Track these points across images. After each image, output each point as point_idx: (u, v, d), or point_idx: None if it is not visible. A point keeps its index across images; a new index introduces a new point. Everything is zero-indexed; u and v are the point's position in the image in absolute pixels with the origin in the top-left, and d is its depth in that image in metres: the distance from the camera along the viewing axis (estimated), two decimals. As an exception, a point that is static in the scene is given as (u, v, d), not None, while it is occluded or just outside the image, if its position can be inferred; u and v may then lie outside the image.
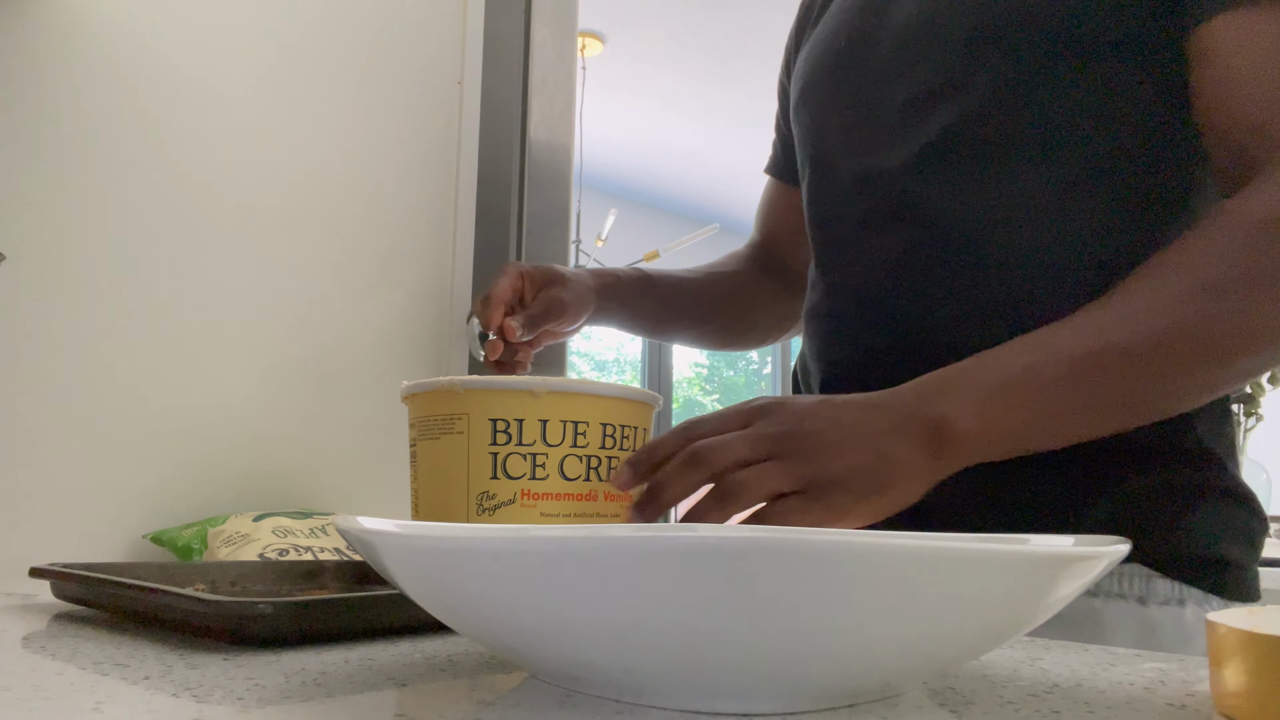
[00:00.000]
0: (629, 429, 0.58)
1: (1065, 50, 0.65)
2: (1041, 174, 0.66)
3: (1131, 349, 0.54)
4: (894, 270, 0.70)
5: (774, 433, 0.52)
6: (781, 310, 0.98)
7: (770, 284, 0.97)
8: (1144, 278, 0.56)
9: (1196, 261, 0.55)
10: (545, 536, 0.27)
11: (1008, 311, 0.63)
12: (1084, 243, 0.64)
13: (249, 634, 0.41)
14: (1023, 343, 0.55)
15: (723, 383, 5.74)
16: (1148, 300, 0.55)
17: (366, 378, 1.09)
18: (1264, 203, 0.56)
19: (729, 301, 0.95)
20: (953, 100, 0.68)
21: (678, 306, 0.92)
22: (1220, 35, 0.61)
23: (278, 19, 1.06)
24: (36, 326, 0.88)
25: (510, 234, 1.21)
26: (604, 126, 4.22)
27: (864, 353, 0.72)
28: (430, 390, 0.58)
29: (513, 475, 0.55)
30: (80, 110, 0.91)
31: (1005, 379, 0.54)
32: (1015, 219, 0.66)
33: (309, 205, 1.06)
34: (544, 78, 1.26)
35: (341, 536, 0.34)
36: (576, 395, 0.56)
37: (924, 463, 0.53)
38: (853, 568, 0.26)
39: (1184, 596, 0.64)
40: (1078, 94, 0.65)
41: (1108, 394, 0.55)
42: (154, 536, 0.90)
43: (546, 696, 0.32)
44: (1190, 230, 0.57)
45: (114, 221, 0.93)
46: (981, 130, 0.67)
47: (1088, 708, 0.32)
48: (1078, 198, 0.65)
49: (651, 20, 3.51)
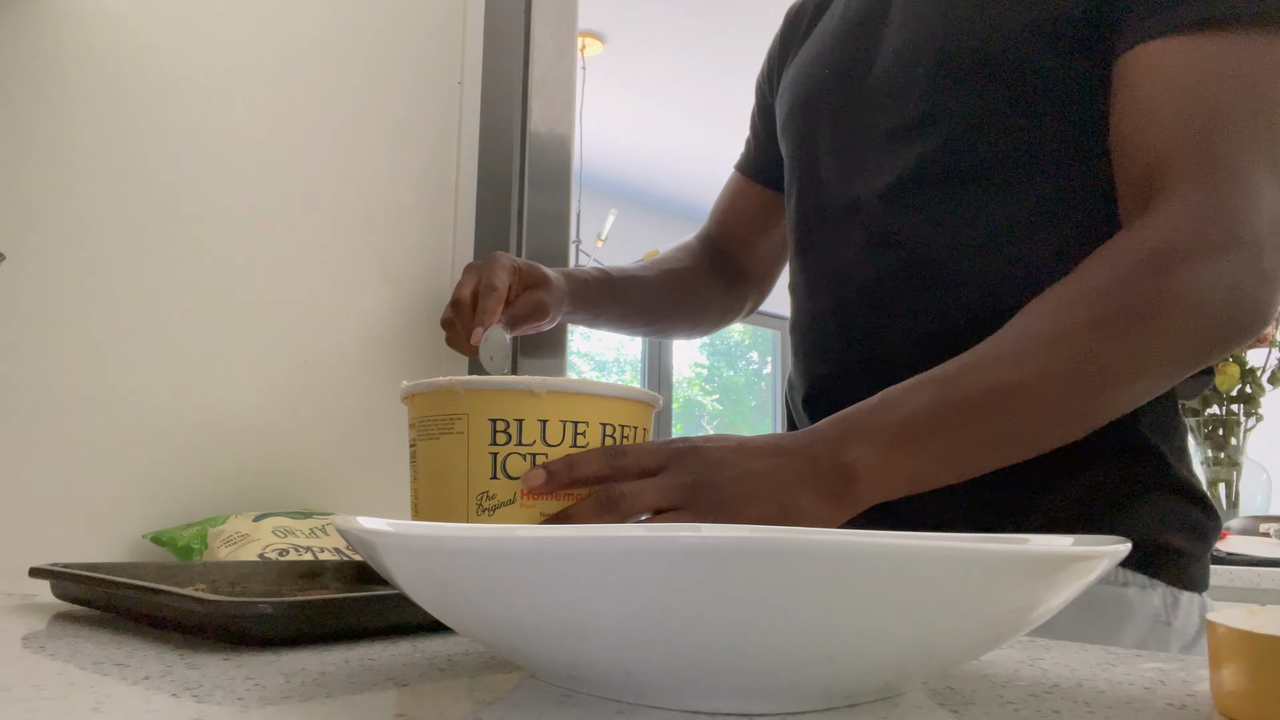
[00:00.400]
0: (629, 429, 0.58)
1: (1025, 85, 0.66)
2: (1008, 204, 0.67)
3: (1022, 386, 0.55)
4: (872, 293, 0.72)
5: (685, 482, 0.54)
6: (728, 303, 1.03)
7: (719, 279, 1.01)
8: (1036, 313, 0.58)
9: (1084, 296, 0.57)
10: (545, 537, 0.27)
11: (976, 334, 0.65)
12: (1049, 270, 0.65)
13: (247, 634, 0.41)
14: (922, 382, 0.57)
15: (723, 383, 5.74)
16: (1036, 336, 0.56)
17: (366, 377, 1.09)
18: (1152, 235, 0.57)
19: (682, 299, 0.99)
20: (928, 132, 0.70)
21: (638, 306, 0.97)
22: (1138, 63, 0.62)
23: (278, 19, 1.06)
24: (36, 326, 0.88)
25: (510, 234, 1.21)
26: (604, 126, 4.22)
27: (844, 371, 0.74)
28: (430, 390, 0.58)
29: (513, 475, 0.55)
30: (79, 110, 0.91)
31: (905, 419, 0.56)
32: (985, 247, 0.68)
33: (308, 205, 1.06)
34: (544, 78, 1.26)
35: (341, 536, 0.34)
36: (577, 395, 0.56)
37: (828, 512, 0.55)
38: (853, 568, 0.26)
39: (1126, 580, 0.66)
40: (1041, 128, 0.67)
41: (1005, 429, 0.57)
42: (154, 536, 0.90)
43: (546, 696, 0.32)
44: (1085, 262, 0.59)
45: (112, 221, 0.93)
46: (953, 161, 0.69)
47: (1088, 708, 0.32)
48: (1043, 227, 0.67)
49: (651, 20, 3.51)
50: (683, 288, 0.99)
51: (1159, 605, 0.66)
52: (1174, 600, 0.66)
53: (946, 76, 0.68)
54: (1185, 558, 0.67)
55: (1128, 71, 0.62)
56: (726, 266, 1.01)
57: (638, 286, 0.95)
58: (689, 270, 1.00)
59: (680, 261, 1.00)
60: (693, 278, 0.99)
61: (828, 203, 0.77)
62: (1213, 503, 0.70)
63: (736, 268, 1.01)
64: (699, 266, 1.00)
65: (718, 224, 1.03)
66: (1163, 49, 0.60)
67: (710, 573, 0.26)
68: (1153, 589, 0.66)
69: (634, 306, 0.95)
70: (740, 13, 3.42)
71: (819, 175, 0.78)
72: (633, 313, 0.96)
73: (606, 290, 0.92)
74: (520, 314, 0.81)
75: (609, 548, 0.26)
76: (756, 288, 1.04)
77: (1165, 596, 0.66)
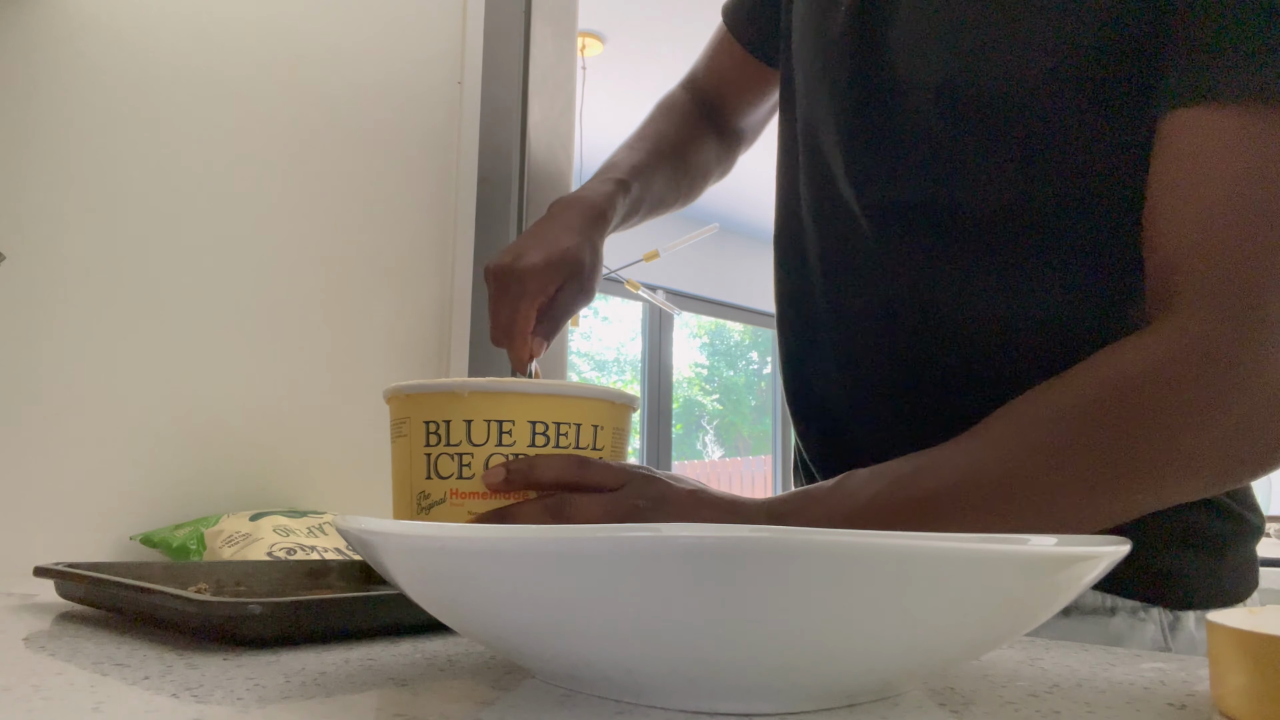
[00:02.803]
0: (566, 426, 0.58)
1: (1035, 135, 0.60)
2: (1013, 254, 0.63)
3: (962, 498, 0.54)
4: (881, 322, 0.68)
5: (635, 505, 0.55)
6: (725, 163, 0.99)
7: (715, 136, 0.97)
8: (1007, 420, 0.55)
9: (1055, 414, 0.54)
10: (546, 537, 0.27)
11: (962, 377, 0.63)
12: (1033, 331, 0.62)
13: (239, 634, 0.41)
14: (881, 472, 0.56)
15: (723, 382, 5.74)
16: (991, 449, 0.54)
17: (365, 377, 1.09)
18: (1134, 359, 0.53)
19: (690, 179, 0.95)
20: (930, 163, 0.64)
21: (656, 207, 0.92)
22: (1184, 128, 0.54)
23: (278, 20, 1.06)
24: (35, 326, 0.88)
25: (510, 234, 1.22)
26: (604, 126, 4.22)
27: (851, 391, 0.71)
28: (389, 396, 0.61)
29: (443, 475, 0.57)
30: (80, 110, 0.91)
31: (856, 511, 0.54)
32: (978, 295, 0.64)
33: (307, 204, 1.06)
34: (544, 78, 1.26)
35: (341, 536, 0.34)
36: (501, 395, 0.57)
37: None
38: (853, 568, 0.26)
39: (1115, 605, 0.62)
40: (1049, 181, 0.61)
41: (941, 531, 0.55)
42: (144, 538, 0.89)
43: (546, 696, 0.32)
44: (1080, 365, 0.55)
45: (111, 222, 0.93)
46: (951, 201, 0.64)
47: (1088, 708, 0.32)
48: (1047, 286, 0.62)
49: (651, 20, 3.51)
50: (689, 168, 0.94)
51: (1155, 633, 0.62)
52: (1174, 621, 0.63)
53: (947, 112, 0.62)
54: (1193, 576, 0.63)
55: (1171, 136, 0.55)
56: (716, 116, 0.97)
57: (654, 192, 0.90)
58: (696, 142, 0.94)
59: (679, 134, 0.94)
60: (695, 150, 0.94)
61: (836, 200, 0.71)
62: (1243, 503, 0.64)
63: (724, 118, 0.97)
64: (701, 132, 0.95)
65: (707, 80, 0.97)
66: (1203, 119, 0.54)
67: (710, 573, 0.26)
68: (1147, 618, 0.62)
69: (653, 209, 0.92)
70: (740, 13, 3.42)
71: (830, 171, 0.72)
72: (652, 213, 0.93)
73: (631, 214, 0.88)
74: (559, 314, 0.75)
75: (609, 548, 0.26)
76: (747, 141, 1.01)
77: (1162, 620, 0.63)
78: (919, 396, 0.66)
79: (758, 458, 5.63)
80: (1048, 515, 0.53)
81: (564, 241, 0.74)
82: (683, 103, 0.97)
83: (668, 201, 0.94)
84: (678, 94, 0.98)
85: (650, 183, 0.88)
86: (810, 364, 0.75)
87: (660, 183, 0.90)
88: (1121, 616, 0.63)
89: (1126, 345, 0.54)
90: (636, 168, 0.88)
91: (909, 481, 0.54)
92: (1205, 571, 0.64)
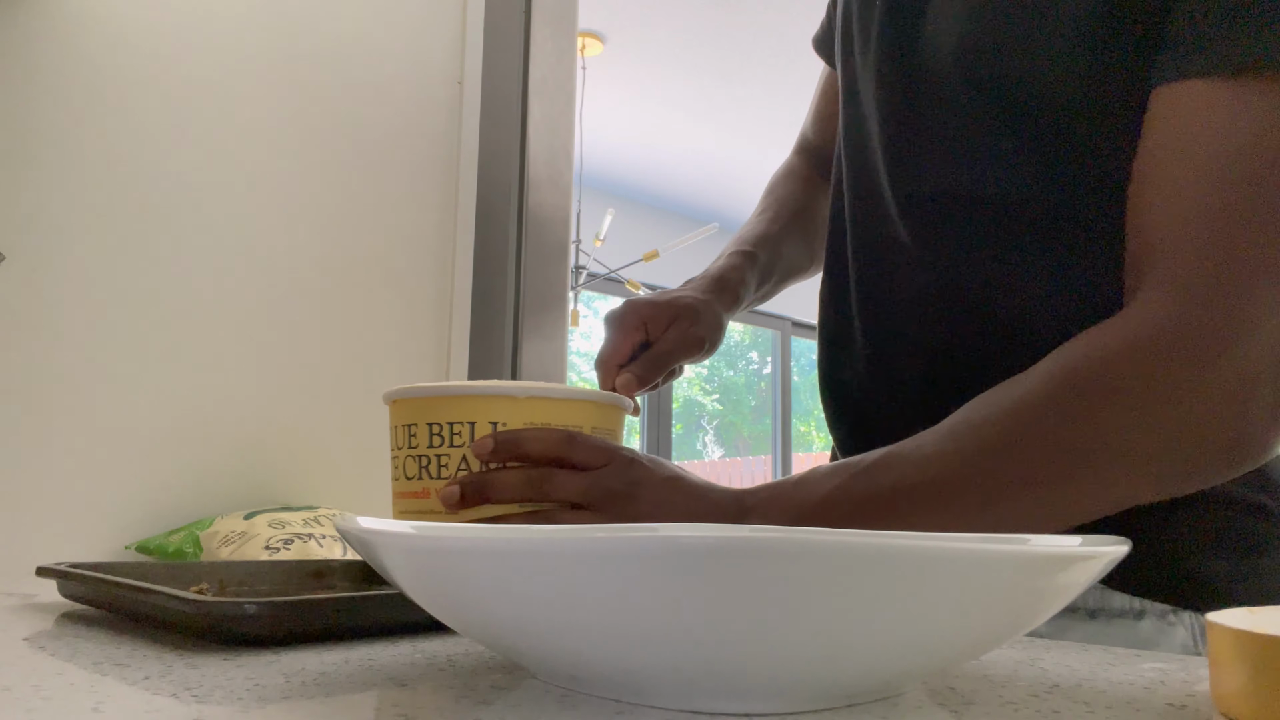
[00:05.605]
0: (459, 425, 0.59)
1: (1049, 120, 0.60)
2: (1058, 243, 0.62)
3: (914, 493, 0.54)
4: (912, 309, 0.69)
5: (611, 487, 0.56)
6: None
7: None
8: (969, 416, 0.55)
9: (1001, 408, 0.53)
10: (545, 537, 0.27)
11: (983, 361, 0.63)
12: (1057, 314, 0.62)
13: (236, 634, 0.41)
14: (843, 467, 0.56)
15: (723, 383, 5.74)
16: (950, 443, 0.54)
17: (364, 378, 1.09)
18: (1093, 347, 0.52)
19: (814, 241, 0.93)
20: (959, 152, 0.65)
21: (795, 270, 0.92)
22: (1172, 100, 0.54)
23: (278, 20, 1.06)
24: (34, 326, 0.88)
25: (510, 234, 1.22)
26: (604, 126, 4.22)
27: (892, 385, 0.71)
28: (388, 400, 0.64)
29: (409, 476, 0.60)
30: (80, 111, 0.91)
31: (814, 502, 0.55)
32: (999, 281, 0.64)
33: (306, 203, 1.06)
34: (544, 78, 1.26)
35: (342, 536, 0.34)
36: (405, 400, 0.60)
37: None
38: (853, 567, 0.26)
39: (1143, 609, 0.61)
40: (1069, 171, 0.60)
41: (906, 528, 0.54)
42: (139, 546, 0.89)
43: (546, 696, 0.32)
44: (1049, 356, 0.54)
45: (109, 222, 0.93)
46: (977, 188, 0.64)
47: (1088, 708, 0.32)
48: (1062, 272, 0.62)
49: (651, 20, 3.51)
50: (819, 227, 0.91)
51: (1185, 637, 0.60)
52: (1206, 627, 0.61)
53: (968, 96, 0.63)
54: (1227, 578, 0.60)
55: (1159, 109, 0.55)
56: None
57: (785, 258, 0.90)
58: (813, 204, 0.92)
59: (799, 198, 0.92)
60: (820, 208, 0.91)
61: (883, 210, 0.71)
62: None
63: None
64: (818, 191, 0.92)
65: (816, 131, 0.95)
66: (1200, 91, 0.52)
67: (710, 573, 0.26)
68: (1177, 621, 0.60)
69: (786, 275, 0.91)
70: (740, 13, 3.42)
71: (874, 165, 0.72)
72: (787, 279, 0.92)
73: (764, 282, 0.87)
74: (663, 351, 0.75)
75: (609, 548, 0.26)
76: None
77: (1194, 624, 0.60)
78: (948, 388, 0.66)
79: (757, 458, 5.63)
80: (994, 511, 0.53)
81: (680, 293, 0.80)
82: (798, 166, 0.97)
83: (802, 265, 0.93)
84: (791, 160, 0.98)
85: (778, 249, 0.90)
86: (844, 359, 0.75)
87: (790, 247, 0.91)
88: (1150, 620, 0.61)
89: (1092, 334, 0.54)
90: (761, 238, 0.89)
91: (865, 477, 0.55)
92: (1242, 573, 0.61)
